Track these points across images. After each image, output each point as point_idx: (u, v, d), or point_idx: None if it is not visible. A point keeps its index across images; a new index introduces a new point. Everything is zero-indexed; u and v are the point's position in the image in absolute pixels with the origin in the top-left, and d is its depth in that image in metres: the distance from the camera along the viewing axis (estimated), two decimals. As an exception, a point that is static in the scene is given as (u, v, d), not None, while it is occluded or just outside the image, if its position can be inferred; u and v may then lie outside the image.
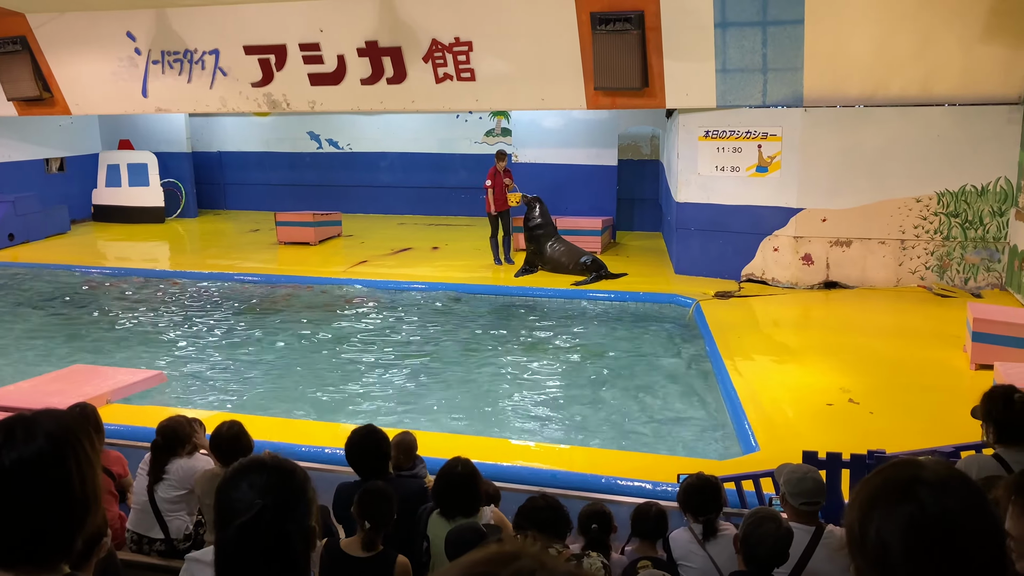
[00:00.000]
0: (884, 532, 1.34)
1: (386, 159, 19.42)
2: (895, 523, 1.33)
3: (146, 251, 16.50)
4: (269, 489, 1.75)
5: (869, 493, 1.40)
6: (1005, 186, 11.14)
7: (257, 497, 1.73)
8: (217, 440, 4.53)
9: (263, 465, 1.81)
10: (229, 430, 4.56)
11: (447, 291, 12.76)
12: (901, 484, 1.37)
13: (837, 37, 11.00)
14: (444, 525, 4.00)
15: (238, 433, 4.56)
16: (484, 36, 12.56)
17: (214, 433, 4.59)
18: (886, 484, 1.39)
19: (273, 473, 1.79)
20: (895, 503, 1.35)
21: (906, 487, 1.36)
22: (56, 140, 18.75)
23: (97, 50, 14.76)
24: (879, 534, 1.34)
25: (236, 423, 4.64)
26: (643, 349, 10.02)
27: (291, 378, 9.35)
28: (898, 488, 1.37)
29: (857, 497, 1.42)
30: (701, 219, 12.47)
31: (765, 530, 3.38)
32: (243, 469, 1.81)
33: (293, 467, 1.82)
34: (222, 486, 1.80)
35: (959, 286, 11.45)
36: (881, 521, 1.35)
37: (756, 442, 6.82)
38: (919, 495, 1.34)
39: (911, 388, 7.96)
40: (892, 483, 1.38)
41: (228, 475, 1.81)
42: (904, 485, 1.36)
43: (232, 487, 1.77)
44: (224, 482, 1.80)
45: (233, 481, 1.78)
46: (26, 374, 9.13)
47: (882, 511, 1.36)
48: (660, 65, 11.69)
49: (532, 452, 6.80)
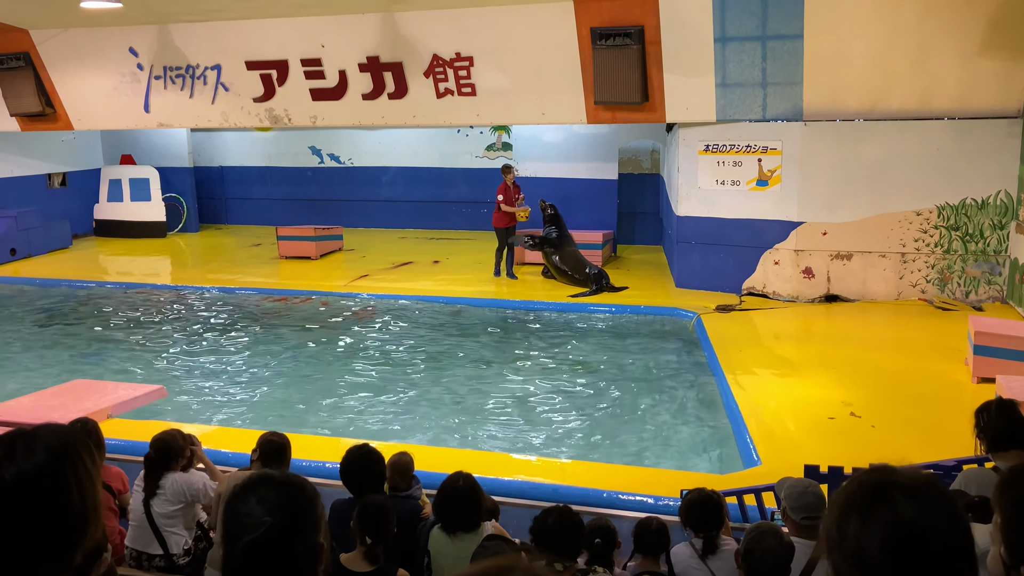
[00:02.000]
0: (861, 534, 1.39)
1: (387, 173, 19.47)
2: (872, 525, 1.39)
3: (148, 266, 16.52)
4: (278, 506, 1.73)
5: (847, 496, 1.46)
6: (1005, 199, 11.15)
7: (266, 514, 1.71)
8: (265, 449, 4.65)
9: (272, 480, 1.80)
10: (280, 439, 4.73)
11: (448, 305, 12.77)
12: (877, 488, 1.43)
13: (836, 51, 11.05)
14: (445, 540, 3.99)
15: (283, 445, 4.71)
16: (485, 51, 12.62)
17: (259, 442, 4.73)
18: (862, 487, 1.45)
19: (283, 489, 1.77)
20: (872, 506, 1.41)
21: (881, 491, 1.42)
22: (58, 155, 18.81)
23: (100, 66, 14.83)
24: (856, 536, 1.40)
25: (281, 435, 4.78)
26: (644, 363, 10.01)
27: (292, 392, 9.34)
28: (874, 492, 1.43)
29: (835, 500, 1.49)
30: (702, 233, 12.49)
31: (767, 545, 3.37)
32: (252, 484, 1.80)
33: (303, 483, 1.82)
34: (231, 500, 1.79)
35: (960, 299, 11.45)
36: (858, 523, 1.40)
37: (758, 456, 6.80)
38: (894, 498, 1.40)
39: (913, 401, 7.94)
40: (868, 486, 1.44)
41: (237, 489, 1.80)
42: (879, 488, 1.42)
43: (241, 501, 1.76)
44: (233, 496, 1.79)
45: (242, 495, 1.78)
46: (27, 389, 9.13)
47: (859, 514, 1.41)
48: (660, 79, 11.74)
49: (533, 466, 6.78)
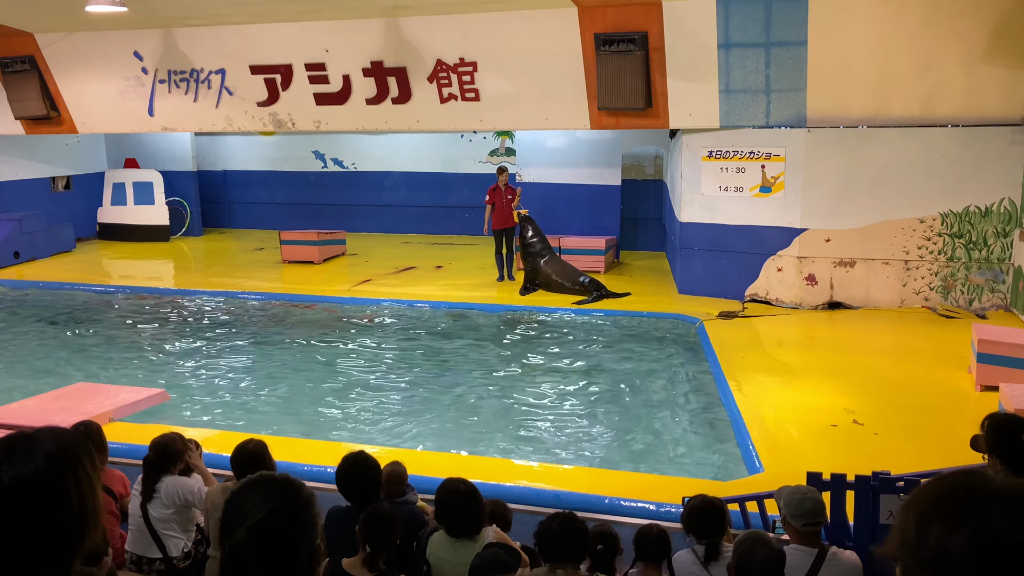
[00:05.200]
0: (946, 539, 1.29)
1: (390, 178, 19.49)
2: (959, 532, 1.29)
3: (150, 269, 16.54)
4: (277, 499, 1.79)
5: (932, 498, 1.36)
6: (1009, 207, 11.14)
7: (266, 503, 1.76)
8: (239, 457, 4.37)
9: (272, 479, 1.86)
10: (255, 447, 4.40)
11: (450, 309, 12.76)
12: (970, 493, 1.33)
13: (840, 58, 11.05)
14: (446, 546, 3.98)
15: (261, 451, 4.39)
16: (488, 57, 12.64)
17: (235, 450, 4.42)
18: (952, 490, 1.35)
19: (282, 486, 1.83)
20: (961, 512, 1.31)
21: (973, 496, 1.32)
22: (62, 158, 18.86)
23: (104, 69, 14.87)
24: (940, 541, 1.30)
25: (259, 442, 4.47)
26: (646, 369, 10.00)
27: (294, 397, 9.34)
28: (966, 497, 1.32)
29: (917, 500, 1.38)
30: (705, 239, 12.48)
31: (757, 556, 3.36)
32: (253, 482, 1.85)
33: (301, 485, 1.86)
34: (232, 497, 1.82)
35: (963, 307, 11.43)
36: (943, 528, 1.31)
37: (760, 463, 6.78)
38: (986, 506, 1.30)
39: (916, 409, 7.92)
40: (958, 490, 1.34)
41: (239, 487, 1.85)
42: (971, 494, 1.32)
43: (243, 497, 1.80)
44: (234, 493, 1.83)
45: (244, 491, 1.82)
46: (30, 392, 9.14)
47: (945, 518, 1.31)
48: (664, 86, 11.74)
49: (535, 472, 6.77)
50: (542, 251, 13.47)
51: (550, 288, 13.21)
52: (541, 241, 13.54)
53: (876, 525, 4.62)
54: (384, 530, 3.67)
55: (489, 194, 13.70)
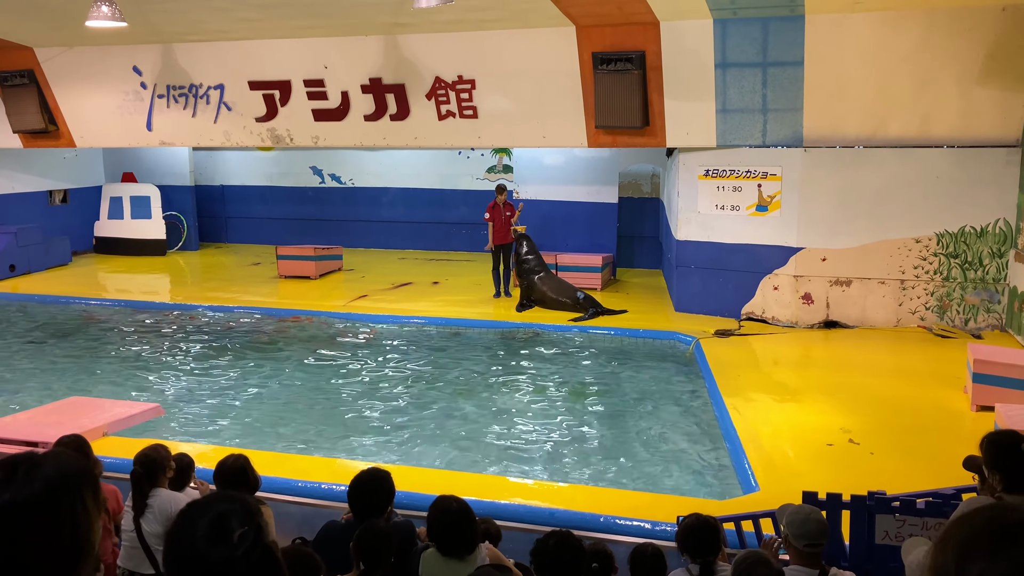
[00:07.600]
0: (988, 574, 1.26)
1: (388, 194, 19.53)
2: (1003, 567, 1.26)
3: (147, 283, 16.52)
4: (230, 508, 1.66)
5: (973, 531, 1.32)
6: (1004, 228, 11.18)
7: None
8: (221, 472, 4.32)
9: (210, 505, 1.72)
10: (235, 463, 4.35)
11: (447, 326, 12.75)
12: (1014, 527, 1.30)
13: (837, 78, 11.12)
14: (439, 565, 3.96)
15: (243, 466, 4.34)
16: (487, 74, 12.69)
17: (218, 466, 4.38)
18: (994, 524, 1.31)
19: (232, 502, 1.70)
20: (1006, 546, 1.27)
21: (1019, 531, 1.28)
22: (60, 172, 18.87)
23: (103, 84, 14.91)
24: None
25: (241, 456, 4.42)
26: (643, 387, 9.98)
27: (289, 412, 9.30)
28: (1009, 531, 1.29)
29: (954, 535, 1.34)
30: (701, 257, 12.50)
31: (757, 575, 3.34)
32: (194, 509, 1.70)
33: (245, 496, 1.74)
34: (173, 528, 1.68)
35: (959, 327, 11.45)
36: (988, 562, 1.27)
37: (756, 482, 6.77)
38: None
39: (912, 429, 7.92)
40: (1003, 524, 1.31)
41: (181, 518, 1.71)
42: (1016, 529, 1.29)
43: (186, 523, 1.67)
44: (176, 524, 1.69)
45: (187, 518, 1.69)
46: (24, 405, 9.10)
47: (988, 553, 1.28)
48: (661, 105, 11.80)
49: (530, 490, 6.75)
50: (536, 268, 13.52)
51: (546, 305, 13.24)
52: (536, 258, 13.60)
53: (872, 545, 4.61)
54: (379, 548, 3.64)
55: (489, 211, 13.76)
